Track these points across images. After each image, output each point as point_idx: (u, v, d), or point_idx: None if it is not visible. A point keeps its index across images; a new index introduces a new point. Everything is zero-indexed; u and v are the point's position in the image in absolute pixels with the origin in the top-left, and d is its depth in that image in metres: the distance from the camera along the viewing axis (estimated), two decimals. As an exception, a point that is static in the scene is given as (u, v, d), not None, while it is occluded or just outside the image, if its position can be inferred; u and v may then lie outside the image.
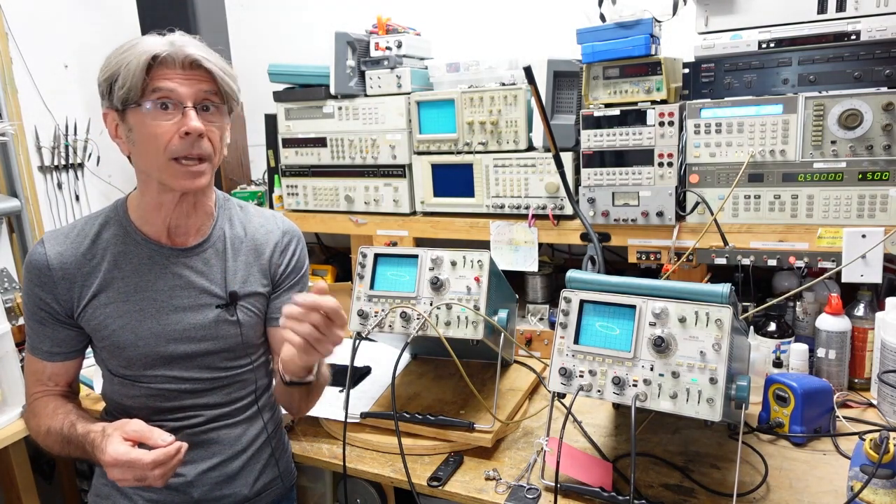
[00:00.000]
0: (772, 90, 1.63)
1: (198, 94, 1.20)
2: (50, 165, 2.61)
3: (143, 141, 1.20)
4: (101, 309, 1.28)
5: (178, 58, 1.18)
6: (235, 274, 1.36)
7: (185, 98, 1.19)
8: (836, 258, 1.58)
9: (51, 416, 1.29)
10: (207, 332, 1.32)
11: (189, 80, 1.19)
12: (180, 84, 1.18)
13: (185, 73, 1.19)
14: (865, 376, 1.64)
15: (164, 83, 1.17)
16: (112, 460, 1.10)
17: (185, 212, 1.31)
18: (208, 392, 1.34)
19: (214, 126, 1.24)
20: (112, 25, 2.77)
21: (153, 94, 1.18)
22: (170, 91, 1.18)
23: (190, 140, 1.20)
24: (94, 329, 1.29)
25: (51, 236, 1.30)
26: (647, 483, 1.32)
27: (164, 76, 1.18)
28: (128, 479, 1.11)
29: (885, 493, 1.14)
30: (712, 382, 1.16)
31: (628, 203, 1.78)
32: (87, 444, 1.19)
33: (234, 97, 1.26)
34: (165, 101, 1.18)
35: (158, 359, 1.30)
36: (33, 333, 1.32)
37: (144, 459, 1.10)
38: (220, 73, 1.22)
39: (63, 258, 1.27)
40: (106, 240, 1.30)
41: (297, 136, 2.25)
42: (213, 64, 1.21)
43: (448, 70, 2.05)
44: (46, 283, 1.27)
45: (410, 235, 2.12)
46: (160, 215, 1.30)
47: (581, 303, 1.31)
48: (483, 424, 1.46)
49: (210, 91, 1.22)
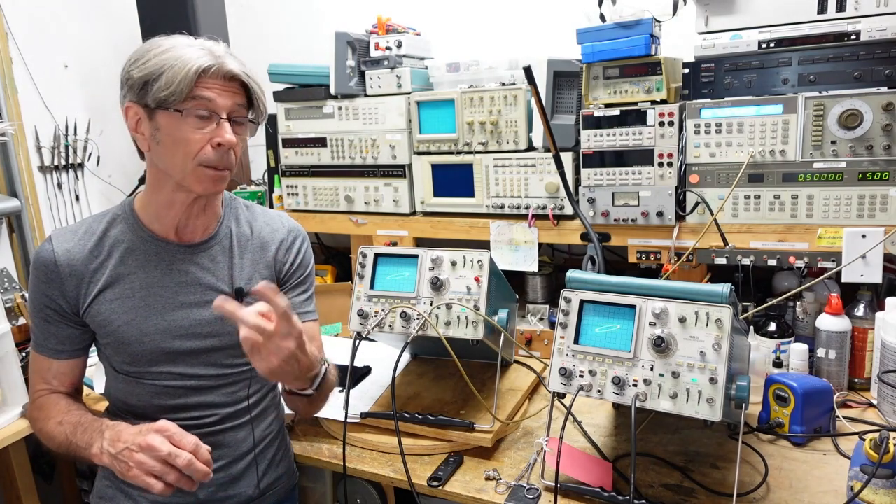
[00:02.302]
0: (772, 90, 1.63)
1: (233, 106, 1.23)
2: (50, 165, 2.61)
3: (173, 144, 1.21)
4: (107, 304, 1.28)
5: (221, 71, 1.21)
6: (242, 271, 1.36)
7: (221, 110, 1.22)
8: (836, 258, 1.58)
9: (65, 411, 1.29)
10: (213, 328, 1.32)
11: (227, 91, 1.22)
12: (219, 95, 1.21)
13: (224, 84, 1.22)
14: (865, 376, 1.64)
15: (207, 93, 1.20)
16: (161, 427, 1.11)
17: (196, 212, 1.32)
18: (213, 390, 1.34)
19: (241, 138, 1.27)
20: (112, 25, 2.77)
21: (193, 102, 1.19)
22: (210, 101, 1.20)
23: (221, 151, 1.22)
24: (100, 325, 1.29)
25: (58, 234, 1.31)
26: (647, 483, 1.32)
27: (207, 86, 1.20)
28: (159, 451, 1.10)
29: (885, 493, 1.14)
30: (712, 382, 1.16)
31: (628, 203, 1.78)
32: (111, 430, 1.17)
33: (263, 112, 1.30)
34: (205, 110, 1.20)
35: (163, 355, 1.30)
36: (39, 331, 1.32)
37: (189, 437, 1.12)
38: (256, 89, 1.26)
39: (71, 255, 1.27)
40: (113, 236, 1.31)
41: (297, 136, 2.25)
42: (252, 80, 1.25)
43: (448, 70, 2.05)
44: (54, 280, 1.27)
45: (410, 235, 2.12)
46: (170, 214, 1.30)
47: (581, 303, 1.31)
48: (483, 424, 1.46)
49: (242, 104, 1.26)
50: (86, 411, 1.31)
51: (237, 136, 1.25)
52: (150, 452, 1.10)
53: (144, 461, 1.10)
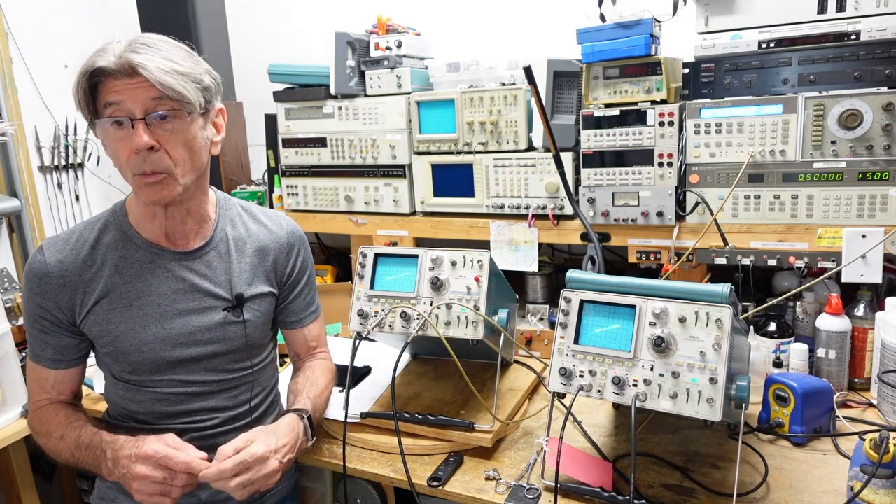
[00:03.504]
0: (772, 90, 1.63)
1: (146, 103, 1.12)
2: (50, 165, 2.62)
3: (111, 157, 1.19)
4: (104, 315, 1.26)
5: (120, 67, 1.10)
6: (241, 275, 1.35)
7: (134, 111, 1.12)
8: (836, 258, 1.58)
9: (64, 423, 1.28)
10: (214, 334, 1.31)
11: (136, 88, 1.11)
12: (127, 96, 1.11)
13: (131, 81, 1.11)
14: (865, 376, 1.64)
15: (112, 96, 1.12)
16: (146, 454, 1.12)
17: (180, 219, 1.30)
18: (215, 395, 1.34)
19: (171, 135, 1.15)
20: (112, 25, 2.77)
21: (105, 110, 1.13)
22: (117, 104, 1.12)
23: (141, 157, 1.13)
24: (98, 336, 1.28)
25: (50, 243, 1.28)
26: (647, 483, 1.32)
27: (112, 89, 1.12)
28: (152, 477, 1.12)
29: (885, 493, 1.14)
30: (712, 382, 1.16)
31: (628, 203, 1.78)
32: (111, 449, 1.18)
33: (188, 98, 1.14)
34: (116, 116, 1.12)
35: (164, 363, 1.29)
36: (35, 342, 1.30)
37: (178, 457, 1.12)
38: (161, 77, 1.10)
39: (63, 265, 1.25)
40: (106, 245, 1.28)
41: (297, 136, 2.24)
42: (155, 68, 1.10)
43: (448, 70, 2.05)
44: (48, 291, 1.25)
45: (410, 235, 2.12)
46: (154, 222, 1.29)
47: (581, 303, 1.31)
48: (483, 424, 1.46)
49: (160, 97, 1.12)
50: (84, 423, 1.28)
51: (167, 132, 1.14)
52: (144, 481, 1.12)
53: (142, 488, 1.13)
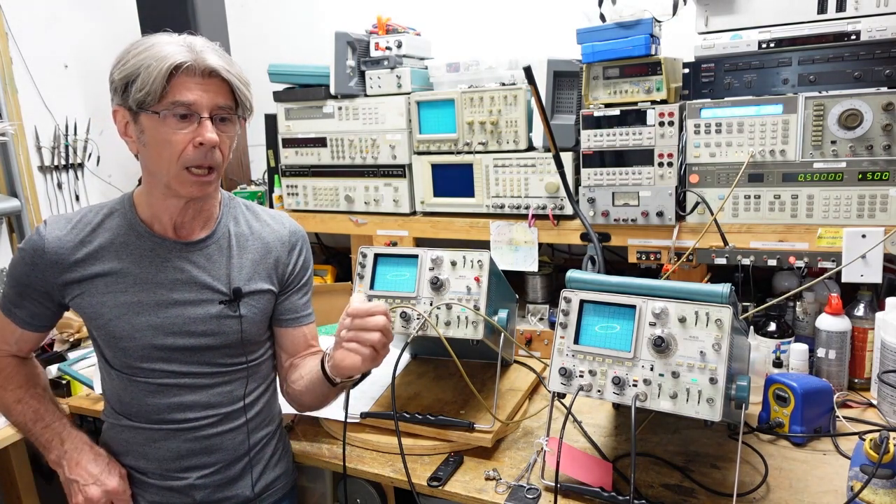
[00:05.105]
0: (772, 90, 1.63)
1: (214, 104, 1.20)
2: (50, 165, 2.62)
3: (157, 146, 1.20)
4: (98, 297, 1.28)
5: (198, 67, 1.17)
6: (241, 271, 1.35)
7: (202, 108, 1.19)
8: (836, 258, 1.58)
9: (24, 386, 1.40)
10: (209, 326, 1.32)
11: (207, 89, 1.19)
12: (199, 94, 1.18)
13: (204, 81, 1.19)
14: (865, 376, 1.64)
15: (184, 93, 1.17)
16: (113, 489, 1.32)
17: (191, 215, 1.32)
18: (208, 388, 1.33)
19: (226, 136, 1.24)
20: (112, 25, 2.77)
21: (172, 103, 1.17)
22: (189, 101, 1.17)
23: (203, 150, 1.20)
24: (90, 317, 1.30)
25: (53, 220, 1.31)
26: (647, 483, 1.32)
27: (184, 85, 1.17)
28: None
29: (885, 493, 1.14)
30: (712, 382, 1.16)
31: (628, 203, 1.78)
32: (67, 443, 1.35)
33: (248, 107, 1.27)
34: (183, 110, 1.18)
35: (155, 351, 1.30)
36: (11, 299, 1.34)
37: None
38: (238, 83, 1.22)
39: (60, 243, 1.28)
40: (108, 229, 1.31)
41: (297, 136, 2.25)
42: (233, 75, 1.21)
43: (448, 70, 2.05)
44: (38, 264, 1.28)
45: (410, 235, 2.12)
46: (166, 215, 1.30)
47: (581, 303, 1.31)
48: (483, 424, 1.46)
49: (226, 101, 1.22)
50: (43, 394, 1.40)
51: (222, 133, 1.23)
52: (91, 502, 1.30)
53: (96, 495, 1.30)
